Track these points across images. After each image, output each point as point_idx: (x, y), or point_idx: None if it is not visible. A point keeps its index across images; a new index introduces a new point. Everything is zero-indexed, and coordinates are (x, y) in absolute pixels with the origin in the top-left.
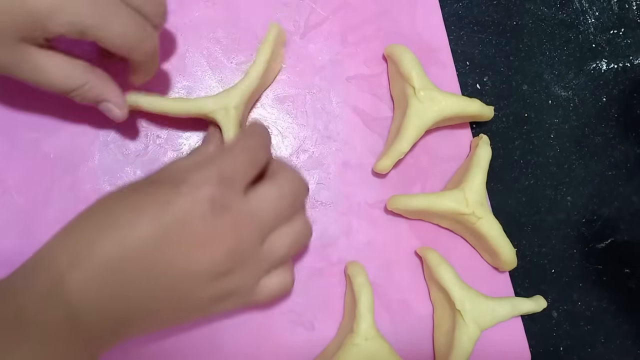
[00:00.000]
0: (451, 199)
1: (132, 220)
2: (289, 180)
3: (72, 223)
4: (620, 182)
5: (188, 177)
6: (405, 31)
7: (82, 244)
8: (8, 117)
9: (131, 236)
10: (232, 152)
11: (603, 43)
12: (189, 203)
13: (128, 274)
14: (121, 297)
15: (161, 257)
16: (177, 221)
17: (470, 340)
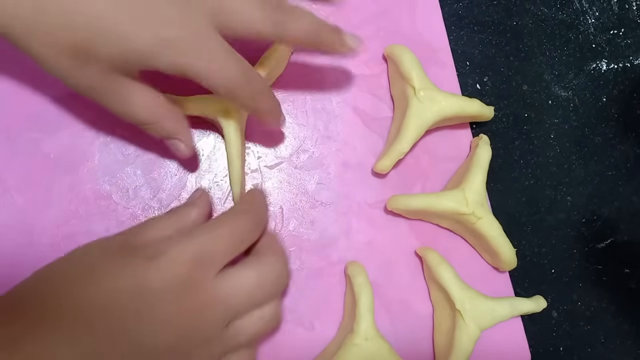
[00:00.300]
0: (451, 199)
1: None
2: (272, 267)
3: (48, 271)
4: (620, 182)
5: (163, 251)
6: (405, 31)
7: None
8: (8, 117)
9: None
10: (216, 231)
11: (603, 43)
12: (159, 281)
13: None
14: None
15: (123, 326)
16: (144, 297)
17: (470, 340)
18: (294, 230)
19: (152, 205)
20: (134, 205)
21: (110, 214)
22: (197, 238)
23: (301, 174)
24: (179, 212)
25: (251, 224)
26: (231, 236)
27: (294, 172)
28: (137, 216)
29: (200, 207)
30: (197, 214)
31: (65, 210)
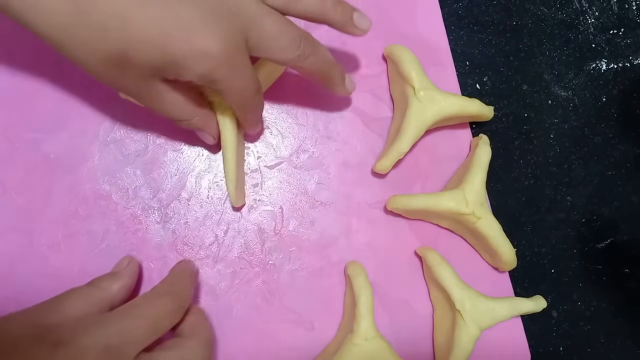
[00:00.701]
0: (451, 199)
1: None
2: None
3: None
4: (620, 182)
5: (71, 339)
6: (405, 31)
7: None
8: (8, 117)
9: None
10: (132, 317)
11: (603, 43)
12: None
13: None
14: None
15: None
16: None
17: (470, 340)
18: (294, 230)
19: (151, 205)
20: (134, 206)
21: (110, 214)
22: (111, 326)
23: (301, 174)
24: (101, 284)
25: (172, 307)
26: (148, 323)
27: (293, 172)
28: (137, 216)
29: (124, 279)
30: (119, 286)
31: (65, 210)
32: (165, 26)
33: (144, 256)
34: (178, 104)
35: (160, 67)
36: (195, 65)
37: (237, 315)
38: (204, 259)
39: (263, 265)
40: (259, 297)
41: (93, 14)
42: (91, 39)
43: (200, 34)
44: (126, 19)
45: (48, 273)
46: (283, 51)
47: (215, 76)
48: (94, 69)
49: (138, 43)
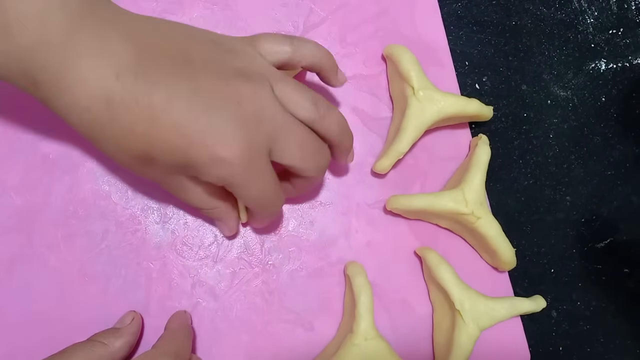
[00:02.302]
0: (450, 199)
1: None
2: None
3: None
4: (620, 182)
5: None
6: (405, 31)
7: None
8: (8, 118)
9: None
10: None
11: (602, 43)
12: None
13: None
14: None
15: None
16: None
17: (469, 340)
18: (294, 231)
19: (151, 206)
20: (133, 206)
21: (109, 214)
22: None
23: None
24: (104, 340)
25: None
26: None
27: None
28: (137, 216)
29: (126, 336)
30: (122, 344)
31: (65, 210)
32: (187, 132)
33: (143, 256)
34: (199, 196)
35: (181, 168)
36: (213, 170)
37: (236, 316)
38: (203, 259)
39: (262, 265)
40: (259, 297)
41: (123, 115)
42: (119, 137)
43: (220, 142)
44: (152, 122)
45: (47, 273)
46: (304, 163)
47: (232, 181)
48: (122, 163)
49: (161, 146)
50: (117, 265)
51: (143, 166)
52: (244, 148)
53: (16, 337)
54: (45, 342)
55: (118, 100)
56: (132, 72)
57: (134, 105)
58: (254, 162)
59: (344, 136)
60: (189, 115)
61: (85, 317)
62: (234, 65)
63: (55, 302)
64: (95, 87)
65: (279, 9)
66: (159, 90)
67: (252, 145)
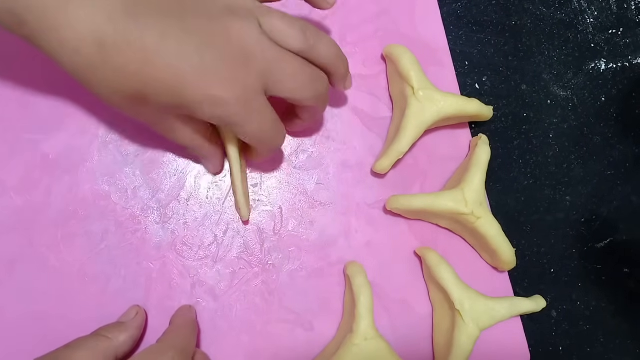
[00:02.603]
0: (450, 199)
1: None
2: None
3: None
4: (619, 182)
5: None
6: (404, 31)
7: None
8: (7, 118)
9: None
10: None
11: (602, 43)
12: None
13: None
14: None
15: None
16: None
17: (469, 340)
18: (293, 231)
19: (151, 206)
20: (133, 206)
21: (109, 214)
22: None
23: (300, 174)
24: (108, 334)
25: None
26: None
27: (293, 172)
28: (136, 216)
29: (130, 330)
30: (126, 338)
31: (65, 210)
32: (182, 72)
33: (143, 256)
34: (187, 135)
35: (175, 108)
36: (209, 110)
37: (236, 316)
38: (203, 259)
39: (262, 265)
40: (258, 297)
41: (114, 56)
42: (111, 79)
43: (215, 81)
44: (145, 63)
45: (47, 273)
46: (301, 93)
47: (229, 120)
48: (114, 104)
49: (154, 86)
50: (117, 265)
51: (136, 106)
52: (238, 85)
53: (16, 337)
54: (45, 342)
55: (110, 42)
56: (123, 14)
57: (126, 47)
58: (251, 100)
59: (337, 61)
60: (181, 55)
61: (85, 317)
62: (222, 3)
63: (55, 302)
64: (85, 29)
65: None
66: (151, 31)
67: (246, 81)
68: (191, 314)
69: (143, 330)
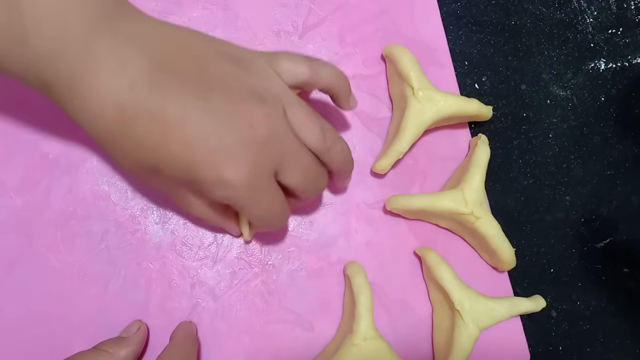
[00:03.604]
0: (450, 199)
1: None
2: None
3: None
4: (619, 182)
5: None
6: (404, 31)
7: None
8: (7, 118)
9: None
10: None
11: (601, 42)
12: None
13: None
14: None
15: None
16: None
17: (469, 340)
18: (293, 231)
19: (150, 206)
20: (133, 206)
21: (109, 214)
22: None
23: None
24: (109, 349)
25: None
26: None
27: None
28: (136, 217)
29: (132, 346)
30: (127, 353)
31: (64, 211)
32: (197, 151)
33: (142, 257)
34: (202, 208)
35: (187, 184)
36: (218, 190)
37: (236, 316)
38: (202, 260)
39: (262, 265)
40: (258, 298)
41: (134, 127)
42: (128, 149)
43: (228, 164)
44: (163, 137)
45: (47, 274)
46: (306, 190)
47: (237, 202)
48: (130, 172)
49: (169, 160)
50: (116, 265)
51: (150, 177)
52: (250, 171)
53: (16, 337)
54: (45, 343)
55: (130, 111)
56: (146, 84)
57: (146, 118)
58: (259, 184)
59: (345, 166)
60: (201, 134)
61: (84, 317)
62: (250, 85)
63: (54, 303)
64: (108, 97)
65: (278, 9)
66: (173, 105)
67: (258, 168)
68: (191, 329)
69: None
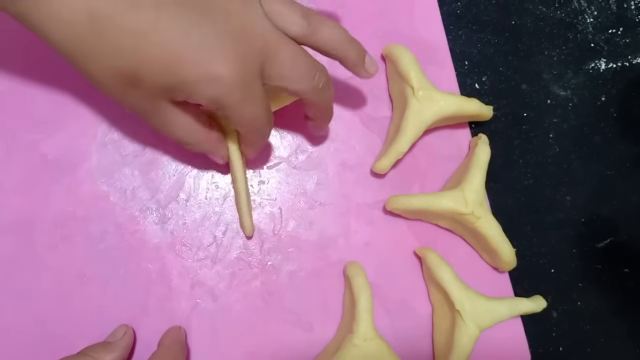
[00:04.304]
0: (450, 199)
1: None
2: None
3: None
4: (620, 182)
5: None
6: (404, 31)
7: None
8: (7, 118)
9: None
10: None
11: (602, 42)
12: None
13: None
14: None
15: None
16: None
17: (469, 340)
18: (293, 231)
19: (150, 206)
20: (132, 206)
21: (108, 215)
22: None
23: (300, 174)
24: (94, 355)
25: None
26: None
27: (292, 173)
28: (135, 217)
29: (117, 351)
30: (112, 358)
31: (63, 211)
32: (179, 48)
33: (142, 257)
34: (186, 126)
35: (170, 88)
36: (206, 89)
37: (235, 316)
38: (202, 260)
39: (262, 266)
40: (258, 298)
41: (109, 29)
42: (104, 54)
43: (214, 58)
44: (141, 38)
45: (46, 274)
46: (298, 82)
47: (225, 102)
48: (104, 85)
49: (150, 63)
50: (116, 266)
51: (128, 89)
52: (238, 65)
53: (15, 337)
54: (44, 343)
55: (103, 13)
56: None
57: (120, 19)
58: (248, 81)
59: (345, 45)
60: (179, 30)
61: (84, 317)
62: None
63: (54, 303)
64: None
65: None
66: (147, 3)
67: (246, 62)
68: (180, 335)
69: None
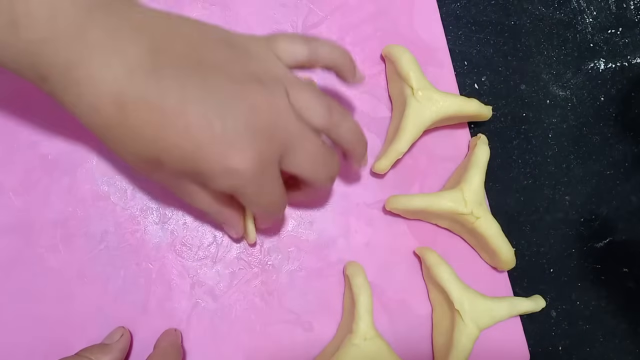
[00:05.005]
0: (449, 199)
1: None
2: None
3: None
4: (619, 182)
5: None
6: (403, 31)
7: None
8: (7, 119)
9: None
10: None
11: (601, 42)
12: None
13: None
14: None
15: None
16: None
17: (469, 340)
18: (293, 231)
19: (150, 206)
20: (133, 206)
21: (108, 215)
22: None
23: None
24: (91, 356)
25: None
26: None
27: None
28: (136, 217)
29: (115, 352)
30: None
31: (64, 211)
32: (200, 139)
33: (142, 257)
34: (206, 200)
35: (190, 175)
36: (223, 180)
37: (235, 316)
38: (202, 260)
39: (262, 265)
40: (258, 298)
41: (132, 117)
42: (128, 141)
43: (233, 153)
44: (162, 127)
45: (46, 274)
46: (314, 175)
47: (241, 192)
48: (131, 164)
49: (170, 153)
50: (116, 266)
51: (151, 170)
52: (256, 159)
53: (15, 337)
54: (44, 343)
55: (128, 101)
56: (143, 72)
57: (144, 107)
58: (265, 173)
59: (357, 143)
60: (202, 121)
61: (84, 317)
62: (249, 69)
63: (54, 303)
64: (104, 86)
65: (277, 9)
66: (171, 92)
67: (265, 155)
68: (176, 338)
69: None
